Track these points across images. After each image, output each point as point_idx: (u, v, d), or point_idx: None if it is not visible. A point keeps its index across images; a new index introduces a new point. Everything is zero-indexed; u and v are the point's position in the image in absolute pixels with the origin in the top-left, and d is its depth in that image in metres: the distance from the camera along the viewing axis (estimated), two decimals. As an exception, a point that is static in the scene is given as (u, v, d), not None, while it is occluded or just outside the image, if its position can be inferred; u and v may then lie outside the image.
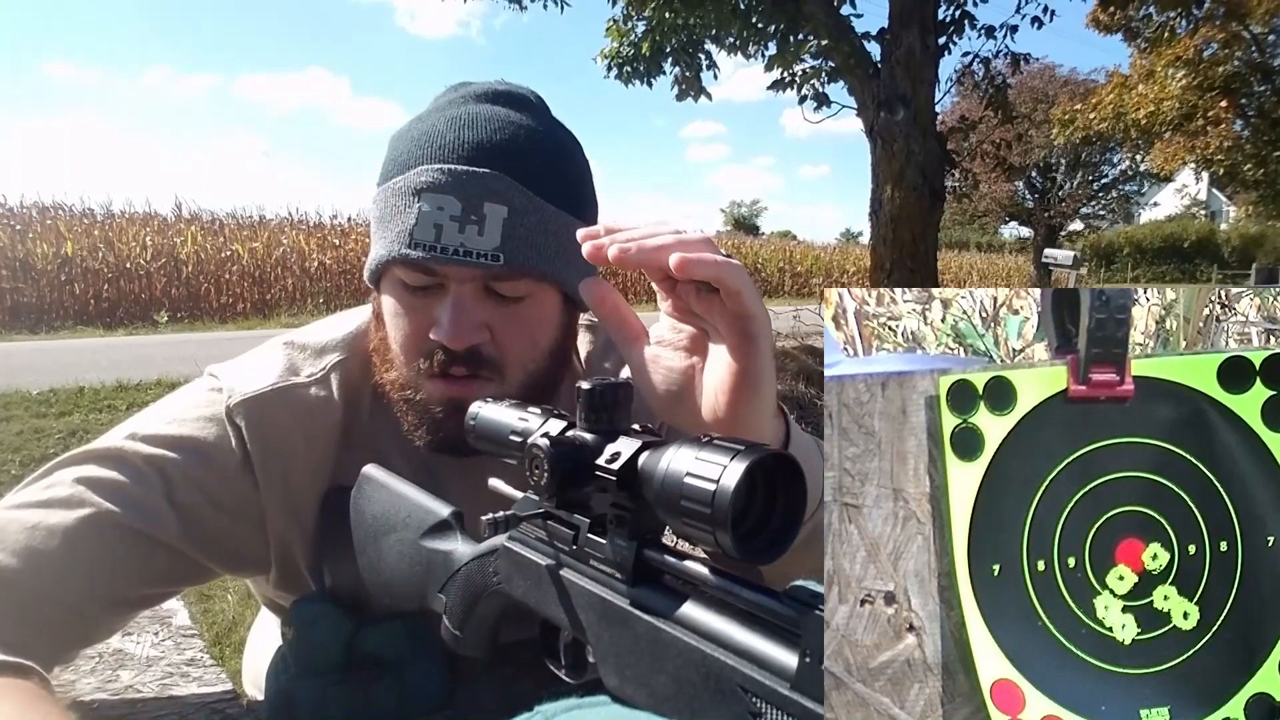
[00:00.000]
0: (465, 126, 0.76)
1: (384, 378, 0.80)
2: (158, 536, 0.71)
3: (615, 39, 7.04)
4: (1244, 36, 15.83)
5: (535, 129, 0.79)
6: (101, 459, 0.72)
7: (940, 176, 5.96)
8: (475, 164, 0.74)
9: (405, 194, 0.75)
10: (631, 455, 0.45)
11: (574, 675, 0.53)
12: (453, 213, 0.73)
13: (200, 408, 0.77)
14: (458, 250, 0.72)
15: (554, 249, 0.77)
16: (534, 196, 0.76)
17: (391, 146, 0.80)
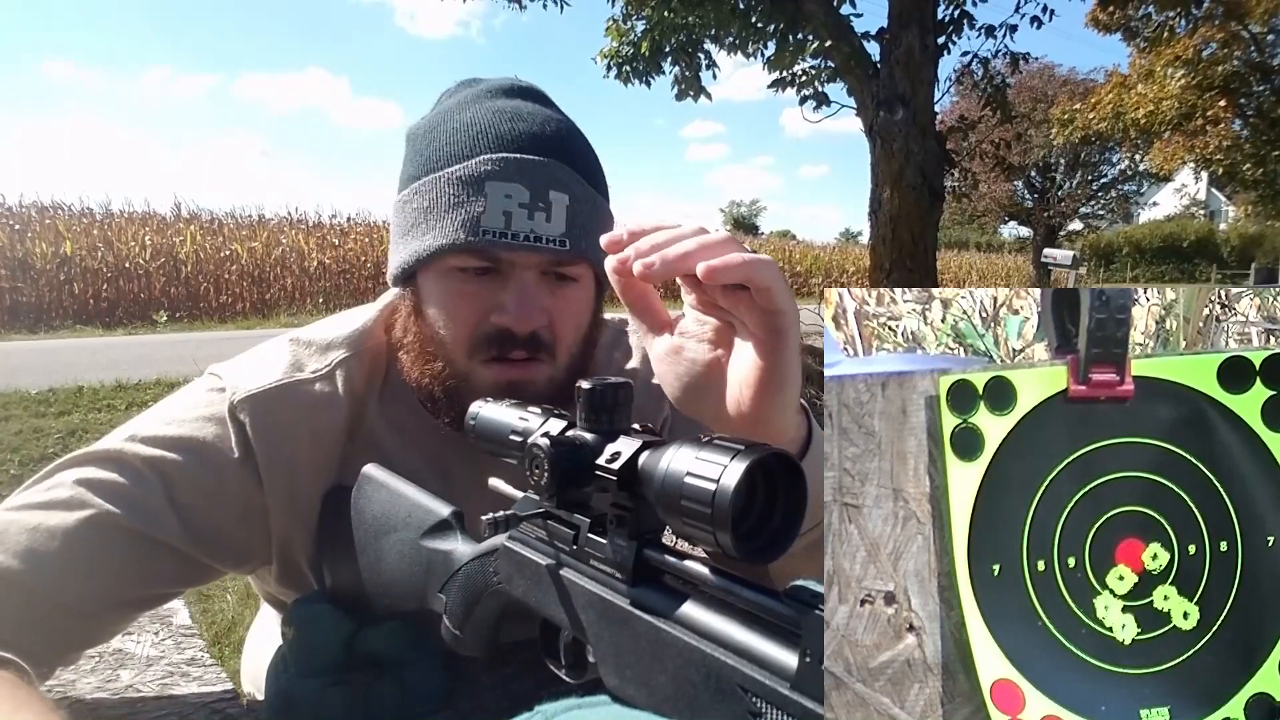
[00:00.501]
0: (515, 119, 0.79)
1: (419, 371, 0.80)
2: (159, 537, 0.71)
3: (615, 38, 7.04)
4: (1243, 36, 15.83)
5: (569, 122, 0.83)
6: (101, 461, 0.72)
7: (939, 176, 5.96)
8: (536, 153, 0.77)
9: (466, 182, 0.75)
10: (632, 455, 0.45)
11: (574, 675, 0.53)
12: (521, 200, 0.75)
13: (200, 407, 0.77)
14: (528, 236, 0.75)
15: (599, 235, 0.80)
16: (586, 184, 0.80)
17: (424, 141, 0.81)
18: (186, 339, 8.51)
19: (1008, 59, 6.88)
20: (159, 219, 13.08)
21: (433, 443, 0.83)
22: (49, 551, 0.66)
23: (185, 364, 5.95)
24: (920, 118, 5.74)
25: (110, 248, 11.79)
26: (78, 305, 11.29)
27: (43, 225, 11.62)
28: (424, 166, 0.79)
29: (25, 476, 2.70)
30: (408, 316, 0.82)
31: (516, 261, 0.76)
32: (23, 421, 4.44)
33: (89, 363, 6.17)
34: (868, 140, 6.08)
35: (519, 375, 0.77)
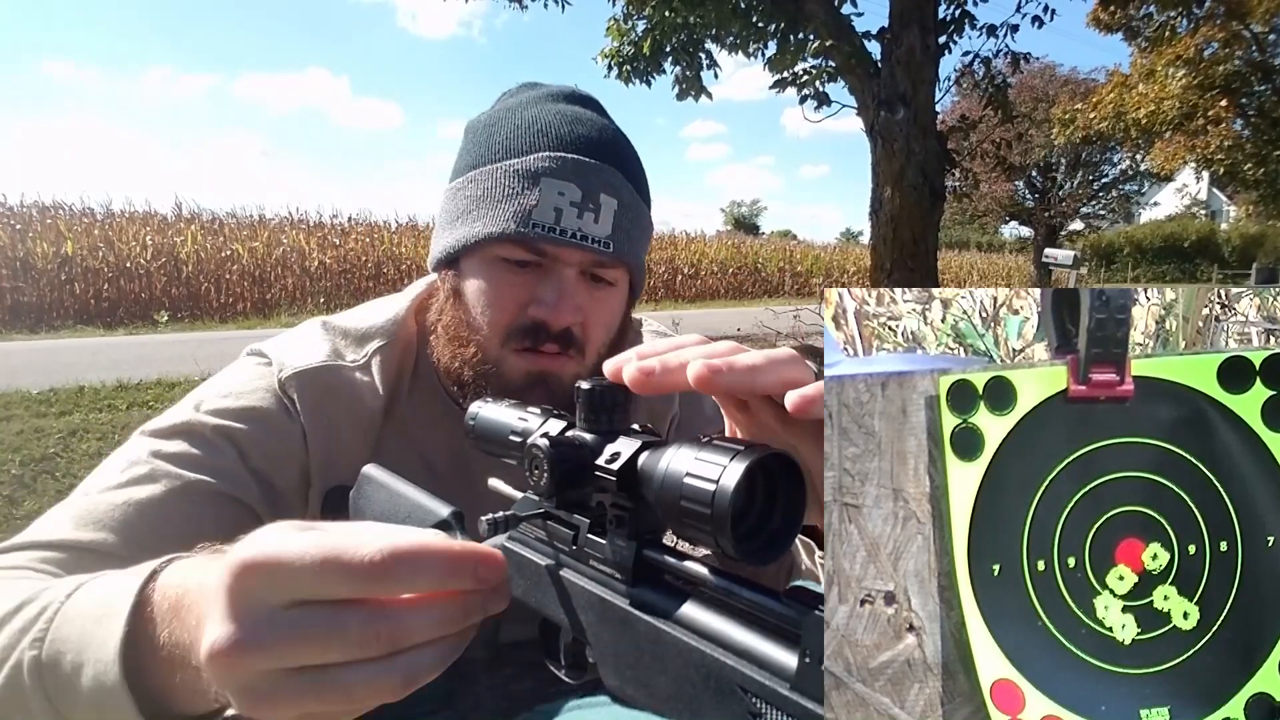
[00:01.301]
0: (575, 122, 0.82)
1: (450, 354, 0.82)
2: (243, 499, 0.73)
3: (615, 38, 7.04)
4: (1244, 35, 15.82)
5: (622, 132, 0.87)
6: (172, 434, 0.74)
7: (940, 176, 5.96)
8: (593, 157, 0.80)
9: (522, 176, 0.78)
10: (631, 455, 0.45)
11: (574, 675, 0.53)
12: (573, 199, 0.77)
13: (256, 379, 0.80)
14: (575, 234, 0.77)
15: (641, 242, 0.85)
16: (634, 192, 0.83)
17: (484, 133, 0.84)
18: (187, 339, 8.52)
19: (1009, 59, 6.88)
20: (160, 219, 13.08)
21: (455, 431, 0.85)
22: (144, 524, 0.68)
23: (186, 364, 5.95)
24: (921, 117, 5.74)
25: (111, 247, 11.79)
26: (79, 305, 11.29)
27: (44, 225, 11.62)
28: (482, 156, 0.82)
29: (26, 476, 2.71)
30: (445, 300, 0.84)
31: (560, 257, 0.78)
32: (24, 421, 4.44)
33: (90, 362, 6.18)
34: (869, 140, 6.08)
35: (548, 366, 0.79)
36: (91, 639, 0.46)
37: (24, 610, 0.51)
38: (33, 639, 0.49)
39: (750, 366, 0.44)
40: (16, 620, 0.51)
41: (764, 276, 20.76)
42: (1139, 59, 16.95)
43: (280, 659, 0.37)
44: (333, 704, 0.38)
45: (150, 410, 4.87)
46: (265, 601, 0.38)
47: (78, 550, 0.65)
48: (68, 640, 0.48)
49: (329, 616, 0.38)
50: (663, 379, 0.43)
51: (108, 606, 0.47)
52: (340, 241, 14.13)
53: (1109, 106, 17.27)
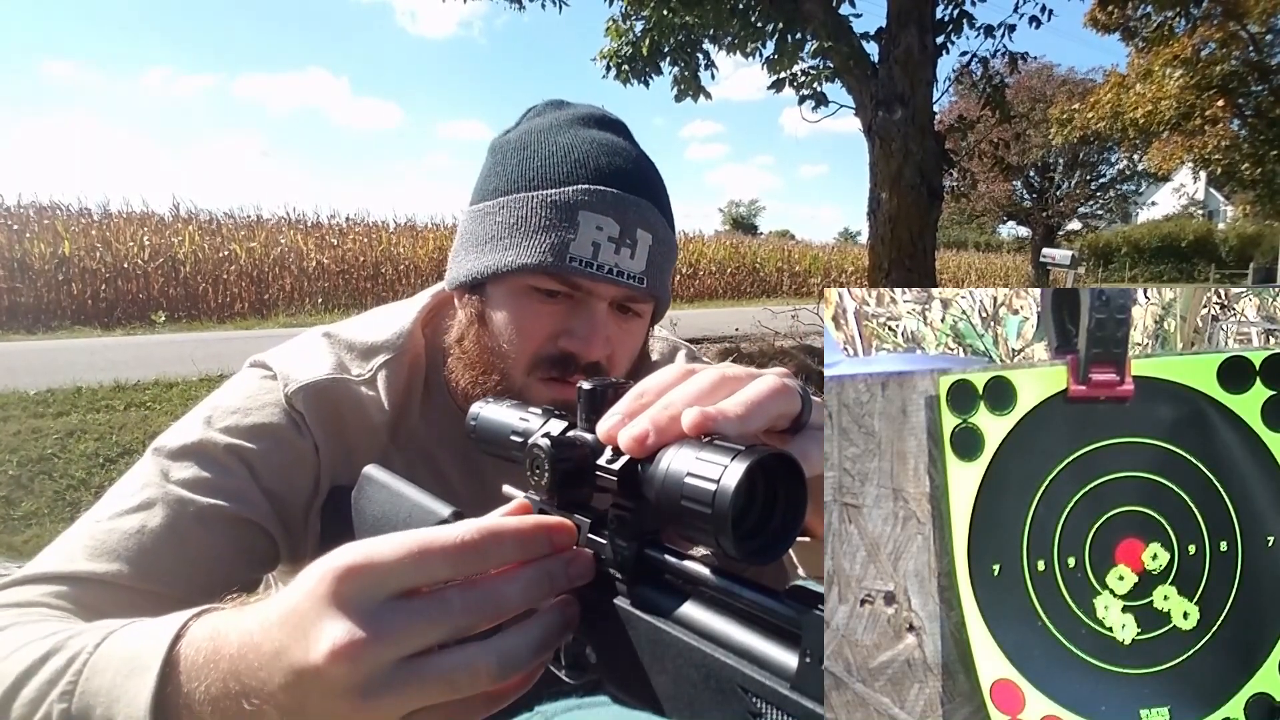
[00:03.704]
0: (612, 153, 0.81)
1: (469, 380, 0.81)
2: (257, 521, 0.73)
3: (614, 39, 7.05)
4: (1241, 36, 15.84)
5: (651, 161, 0.86)
6: (182, 455, 0.73)
7: (938, 176, 5.96)
8: (632, 191, 0.79)
9: (560, 207, 0.77)
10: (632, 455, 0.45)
11: (574, 675, 0.52)
12: (611, 234, 0.77)
13: (263, 394, 0.79)
14: (612, 269, 0.77)
15: (669, 273, 0.85)
16: (666, 227, 0.83)
17: (515, 156, 0.82)
18: (185, 339, 8.51)
19: (1006, 59, 6.88)
20: (157, 219, 13.04)
21: (469, 448, 0.84)
22: (158, 553, 0.67)
23: (184, 364, 5.95)
24: (919, 117, 5.75)
25: (109, 248, 11.77)
26: (76, 305, 11.27)
27: (41, 225, 11.60)
28: (515, 183, 0.81)
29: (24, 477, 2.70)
30: (469, 324, 0.83)
31: (595, 292, 0.78)
32: (21, 422, 4.43)
33: (87, 363, 6.16)
34: (866, 140, 6.08)
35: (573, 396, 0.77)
36: (122, 693, 0.47)
37: (51, 660, 0.51)
38: (62, 691, 0.49)
39: (741, 416, 0.44)
40: (44, 671, 0.51)
41: (762, 276, 20.77)
42: (1136, 59, 16.98)
43: (398, 647, 0.40)
44: (436, 692, 0.41)
45: (148, 411, 4.86)
46: (373, 598, 0.40)
47: (91, 583, 0.65)
48: (97, 694, 0.48)
49: (433, 598, 0.41)
50: (659, 440, 0.43)
51: (137, 661, 0.47)
52: (338, 242, 14.11)
53: (1106, 106, 17.30)
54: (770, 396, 0.44)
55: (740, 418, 0.43)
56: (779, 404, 0.45)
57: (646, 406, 0.45)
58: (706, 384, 0.46)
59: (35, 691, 0.50)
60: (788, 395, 0.45)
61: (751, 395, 0.44)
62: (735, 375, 0.46)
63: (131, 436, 4.37)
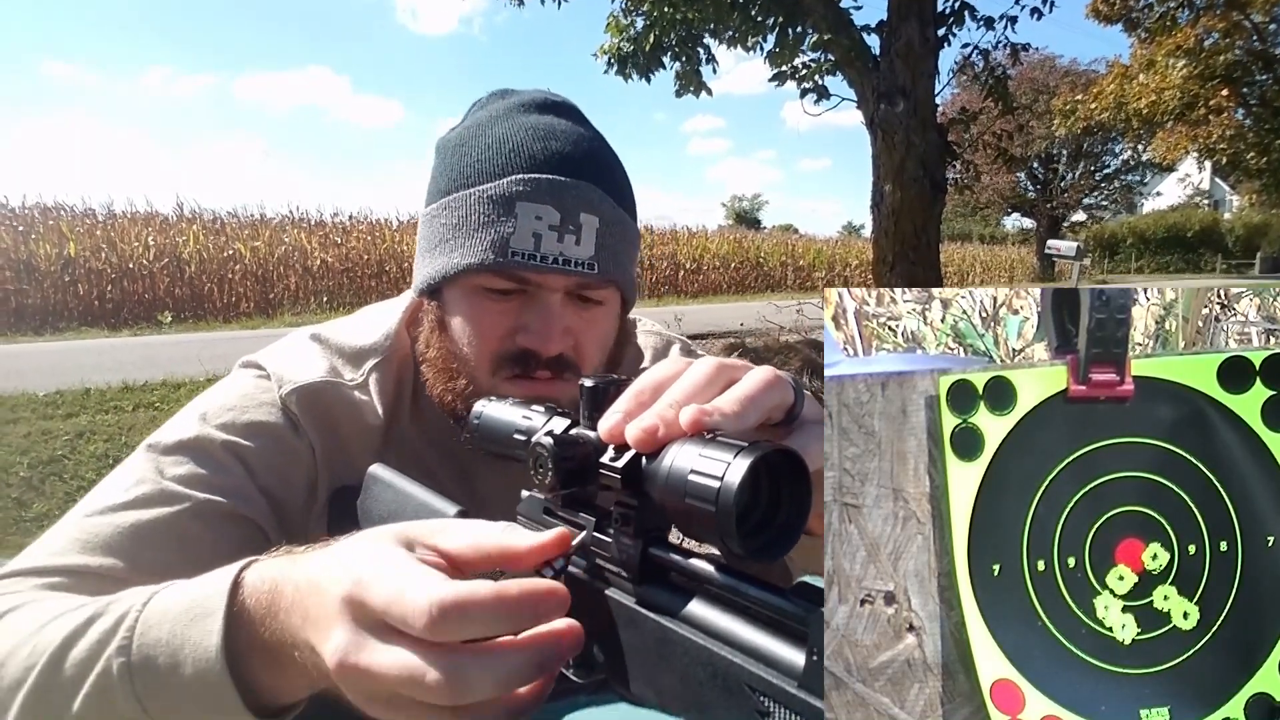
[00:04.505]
0: (549, 137, 0.78)
1: (441, 387, 0.81)
2: (253, 518, 0.72)
3: (614, 34, 7.03)
4: (1245, 25, 15.75)
5: (600, 140, 0.83)
6: (178, 451, 0.73)
7: (941, 168, 5.94)
8: (568, 174, 0.76)
9: (496, 202, 0.75)
10: (635, 453, 0.45)
11: (581, 674, 0.53)
12: (551, 222, 0.75)
13: (259, 394, 0.79)
14: (556, 259, 0.75)
15: (628, 257, 0.82)
16: (616, 206, 0.80)
17: (454, 154, 0.81)
18: (192, 339, 8.53)
19: (1008, 50, 6.85)
20: (162, 219, 13.07)
21: (459, 451, 0.84)
22: (151, 547, 0.67)
23: (191, 364, 5.97)
24: (921, 110, 5.73)
25: (114, 248, 11.80)
26: (83, 306, 11.30)
27: (46, 226, 11.63)
28: (455, 182, 0.79)
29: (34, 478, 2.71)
30: (431, 331, 0.82)
31: (544, 284, 0.76)
32: (30, 424, 4.45)
33: (95, 364, 6.18)
34: (869, 133, 6.06)
35: (544, 392, 0.76)
36: (185, 640, 0.50)
37: (97, 623, 0.53)
38: (118, 646, 0.51)
39: (737, 413, 0.44)
40: (92, 632, 0.53)
41: (766, 271, 20.73)
42: (1139, 50, 16.89)
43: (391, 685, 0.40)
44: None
45: (156, 411, 4.88)
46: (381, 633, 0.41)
47: (83, 575, 0.64)
48: (158, 644, 0.51)
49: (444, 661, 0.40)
50: (668, 435, 0.43)
51: (199, 608, 0.50)
52: (342, 240, 14.13)
53: (1110, 97, 17.21)
54: (764, 390, 0.45)
55: (737, 414, 0.43)
56: (773, 397, 0.45)
57: (646, 404, 0.45)
58: (703, 377, 0.46)
59: (86, 651, 0.52)
60: (781, 388, 0.45)
61: (747, 390, 0.45)
62: (732, 365, 0.47)
63: (140, 437, 4.35)
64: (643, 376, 0.48)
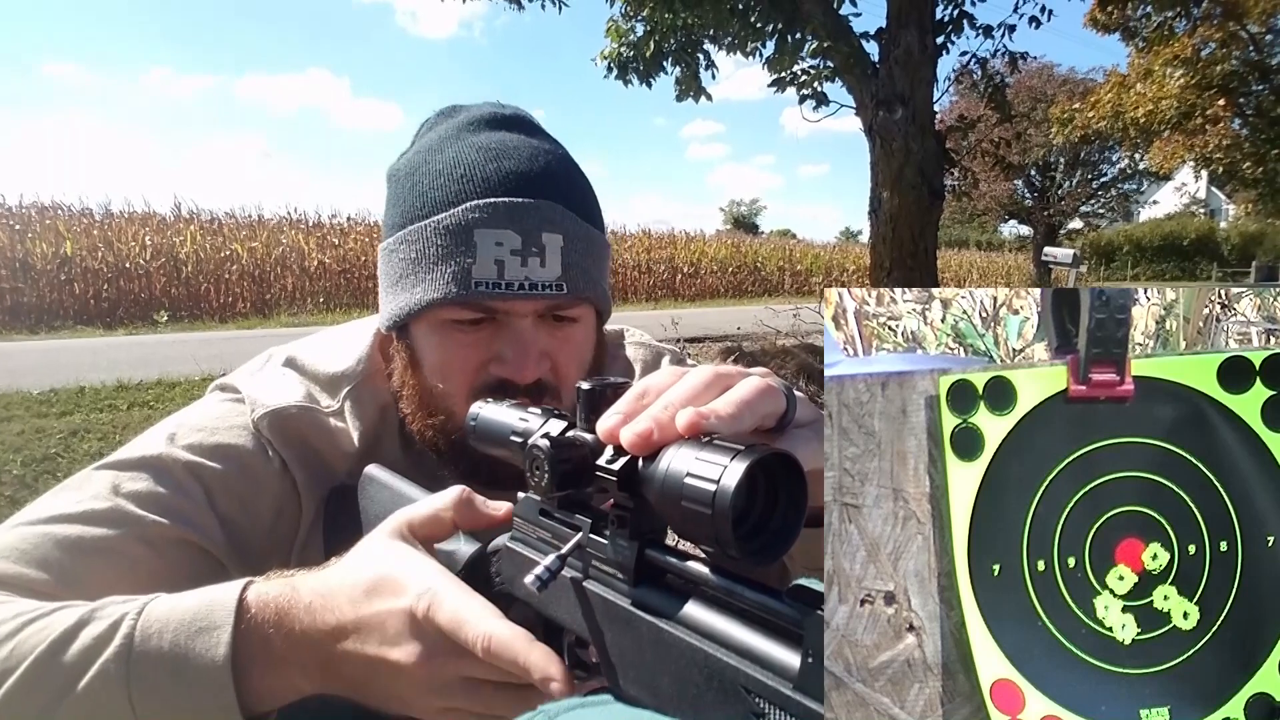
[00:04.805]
0: (501, 157, 0.76)
1: (420, 423, 0.78)
2: (202, 545, 0.69)
3: (615, 39, 7.05)
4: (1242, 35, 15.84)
5: (558, 153, 0.80)
6: (138, 467, 0.70)
7: (939, 175, 5.96)
8: (525, 194, 0.74)
9: (453, 232, 0.73)
10: (632, 455, 0.45)
11: (578, 675, 0.53)
12: (513, 246, 0.72)
13: (231, 417, 0.76)
14: (522, 284, 0.72)
15: (598, 271, 0.79)
16: (580, 221, 0.77)
17: (405, 184, 0.78)
18: (187, 339, 8.51)
19: (1006, 58, 6.88)
20: (159, 219, 13.07)
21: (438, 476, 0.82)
22: (91, 566, 0.64)
23: (186, 364, 5.95)
24: (919, 117, 5.74)
25: (110, 248, 11.78)
26: (78, 305, 11.28)
27: (43, 225, 11.61)
28: (408, 214, 0.76)
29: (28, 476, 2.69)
30: (404, 369, 0.79)
31: (512, 310, 0.74)
32: (25, 422, 4.43)
33: (90, 363, 6.17)
34: (867, 139, 6.08)
35: None
36: (189, 651, 0.53)
37: (88, 628, 0.54)
38: (115, 653, 0.53)
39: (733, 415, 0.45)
40: (83, 637, 0.54)
41: (763, 275, 20.77)
42: (1137, 59, 16.97)
43: None
44: None
45: (151, 410, 4.86)
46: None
47: (18, 587, 0.62)
48: (159, 652, 0.53)
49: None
50: (663, 438, 0.44)
51: (203, 620, 0.54)
52: (339, 241, 14.12)
53: (1107, 106, 17.30)
54: (759, 395, 0.46)
55: (732, 417, 0.44)
56: (767, 403, 0.46)
57: (646, 406, 0.46)
58: (700, 383, 0.47)
59: (80, 655, 0.53)
60: (774, 395, 0.46)
61: (742, 395, 0.46)
62: (728, 373, 0.48)
63: (135, 436, 4.37)
64: (641, 381, 0.49)
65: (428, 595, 0.50)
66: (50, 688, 0.53)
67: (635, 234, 19.06)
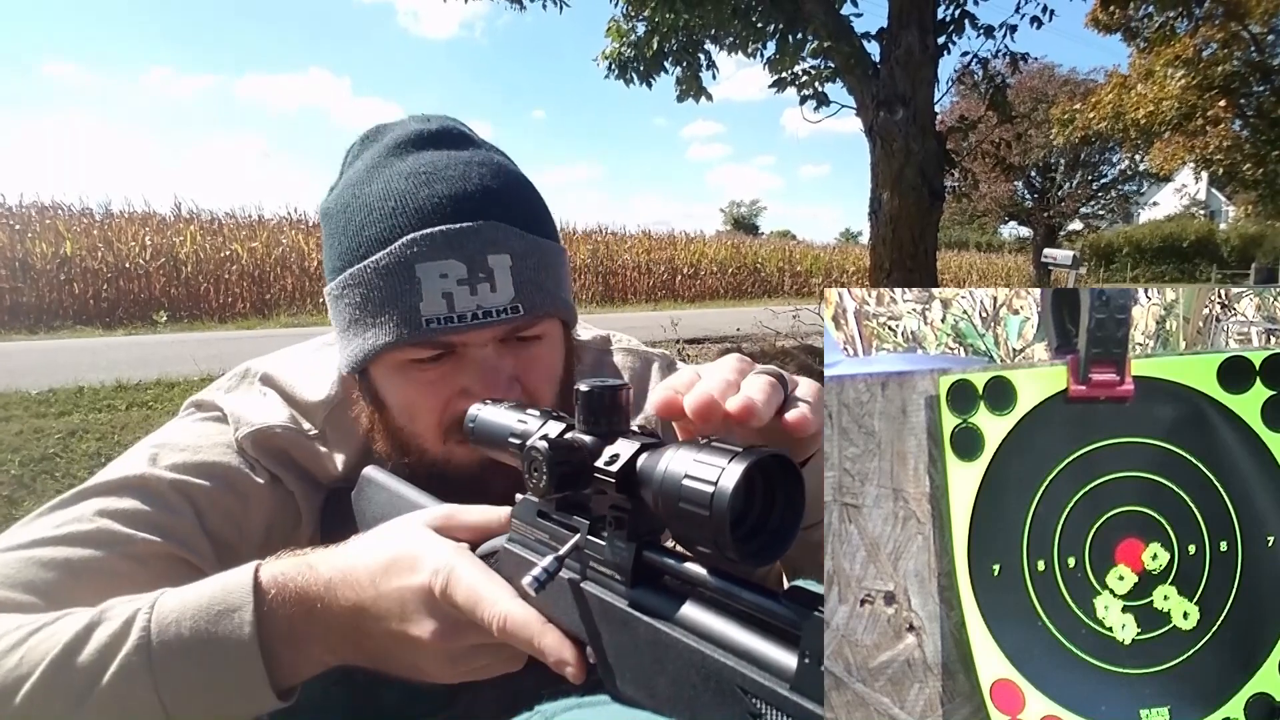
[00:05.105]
0: (432, 181, 0.71)
1: (394, 461, 0.76)
2: (192, 561, 0.68)
3: (616, 39, 7.05)
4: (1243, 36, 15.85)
5: (494, 163, 0.76)
6: (123, 490, 0.69)
7: (939, 176, 5.96)
8: (464, 219, 0.70)
9: (394, 272, 0.69)
10: (630, 457, 0.45)
11: (575, 675, 0.53)
12: (459, 276, 0.69)
13: (215, 435, 0.75)
14: (475, 314, 0.69)
15: (554, 282, 0.75)
16: (526, 235, 0.73)
17: (339, 222, 0.74)
18: (187, 339, 8.52)
19: (1007, 59, 6.88)
20: (159, 219, 13.07)
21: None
22: (79, 585, 0.62)
23: (185, 364, 5.95)
24: (920, 118, 5.74)
25: (110, 248, 11.78)
26: (78, 305, 11.28)
27: (43, 225, 11.61)
28: (346, 256, 0.73)
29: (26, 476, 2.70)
30: (370, 412, 0.77)
31: (469, 342, 0.71)
32: (23, 422, 4.43)
33: (89, 363, 6.17)
34: (868, 140, 6.08)
35: None
36: (212, 634, 0.54)
37: (100, 629, 0.55)
38: (135, 646, 0.53)
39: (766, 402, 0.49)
40: (98, 637, 0.54)
41: (763, 276, 20.78)
42: (1138, 59, 16.98)
43: None
44: None
45: (150, 410, 4.86)
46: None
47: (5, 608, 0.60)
48: (179, 640, 0.54)
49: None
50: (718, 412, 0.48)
51: (221, 604, 0.54)
52: (339, 242, 14.11)
53: (1108, 107, 17.30)
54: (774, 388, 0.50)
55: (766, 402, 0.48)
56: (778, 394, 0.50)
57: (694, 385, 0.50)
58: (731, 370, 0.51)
59: (97, 654, 0.54)
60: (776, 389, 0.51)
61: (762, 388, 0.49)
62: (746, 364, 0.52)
63: (133, 436, 4.38)
64: (676, 375, 0.52)
65: (444, 572, 0.51)
66: (69, 691, 0.53)
67: (635, 234, 19.07)
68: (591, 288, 16.12)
